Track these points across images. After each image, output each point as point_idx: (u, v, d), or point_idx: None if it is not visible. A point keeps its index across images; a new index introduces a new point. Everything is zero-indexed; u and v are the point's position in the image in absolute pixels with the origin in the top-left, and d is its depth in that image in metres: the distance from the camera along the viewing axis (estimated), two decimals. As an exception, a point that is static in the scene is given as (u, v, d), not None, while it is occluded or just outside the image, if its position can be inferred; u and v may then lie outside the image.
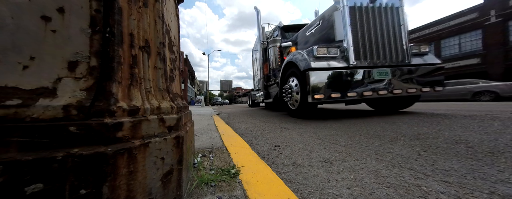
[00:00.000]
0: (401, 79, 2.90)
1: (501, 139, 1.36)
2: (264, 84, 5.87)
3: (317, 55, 2.82)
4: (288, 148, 1.38)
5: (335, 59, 2.88)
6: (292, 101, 3.37)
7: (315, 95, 2.64)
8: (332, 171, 0.93)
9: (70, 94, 0.45)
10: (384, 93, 2.81)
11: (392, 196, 0.69)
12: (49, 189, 0.38)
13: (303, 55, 2.96)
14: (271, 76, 5.39)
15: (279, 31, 5.56)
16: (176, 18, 1.00)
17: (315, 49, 2.83)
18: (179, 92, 0.96)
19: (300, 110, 3.20)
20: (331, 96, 2.67)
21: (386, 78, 2.84)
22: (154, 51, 0.64)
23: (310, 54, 2.90)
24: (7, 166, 0.35)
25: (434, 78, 3.02)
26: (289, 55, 3.47)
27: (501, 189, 0.71)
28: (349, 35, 2.85)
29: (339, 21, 3.03)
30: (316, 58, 2.83)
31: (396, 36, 2.99)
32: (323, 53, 2.84)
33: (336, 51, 2.88)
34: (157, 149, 0.53)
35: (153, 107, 0.57)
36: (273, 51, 4.86)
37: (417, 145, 1.33)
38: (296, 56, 3.16)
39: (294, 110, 3.43)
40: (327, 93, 2.66)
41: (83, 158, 0.40)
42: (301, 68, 2.88)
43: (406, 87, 2.89)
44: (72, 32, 0.46)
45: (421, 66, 3.05)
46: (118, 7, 0.51)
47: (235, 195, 0.69)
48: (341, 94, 2.69)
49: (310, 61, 2.77)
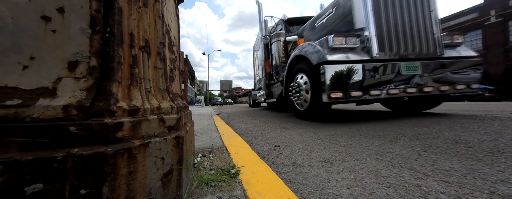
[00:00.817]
0: (433, 75, 2.43)
1: (501, 139, 1.36)
2: (266, 83, 5.53)
3: (333, 46, 2.37)
4: (288, 148, 1.38)
5: (354, 51, 2.43)
6: (300, 101, 2.96)
7: (332, 94, 2.21)
8: (332, 171, 0.93)
9: (70, 94, 0.45)
10: (413, 91, 2.36)
11: (392, 196, 0.69)
12: (49, 189, 0.38)
13: (315, 47, 2.52)
14: (273, 74, 5.05)
15: (283, 25, 4.96)
16: (176, 18, 1.00)
17: (331, 38, 2.38)
18: (179, 92, 0.96)
19: (311, 111, 2.76)
20: (351, 94, 2.23)
21: (416, 73, 2.38)
22: (154, 51, 0.64)
23: (324, 45, 2.45)
24: (7, 166, 0.35)
25: (470, 73, 2.54)
26: (297, 49, 3.06)
27: (501, 189, 0.71)
28: (371, 22, 2.38)
29: (359, 6, 2.55)
30: (331, 49, 2.39)
31: (426, 24, 2.51)
32: (340, 44, 2.38)
33: (355, 41, 2.42)
34: (157, 149, 0.53)
35: (153, 107, 0.57)
36: (276, 46, 4.36)
37: (417, 145, 1.33)
38: (306, 48, 2.73)
39: (302, 111, 3.00)
40: (346, 91, 2.23)
41: (83, 158, 0.40)
42: (313, 61, 2.46)
43: (439, 84, 2.44)
44: (72, 32, 0.46)
45: (456, 59, 2.57)
46: (118, 7, 0.51)
47: (235, 195, 0.69)
48: (363, 93, 2.26)
49: (325, 53, 2.32)
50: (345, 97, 2.24)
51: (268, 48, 5.21)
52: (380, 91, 2.31)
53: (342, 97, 2.24)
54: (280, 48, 4.28)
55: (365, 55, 2.41)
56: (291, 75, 3.25)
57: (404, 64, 2.38)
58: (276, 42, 4.35)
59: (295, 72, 3.14)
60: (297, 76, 3.04)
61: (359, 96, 2.26)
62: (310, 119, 2.93)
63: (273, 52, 4.59)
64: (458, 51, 2.70)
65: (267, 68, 5.42)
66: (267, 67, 5.39)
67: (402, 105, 3.67)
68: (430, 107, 3.31)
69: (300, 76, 2.96)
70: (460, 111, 3.41)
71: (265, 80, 5.53)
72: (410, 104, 3.51)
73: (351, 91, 2.24)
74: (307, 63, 2.71)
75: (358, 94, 2.26)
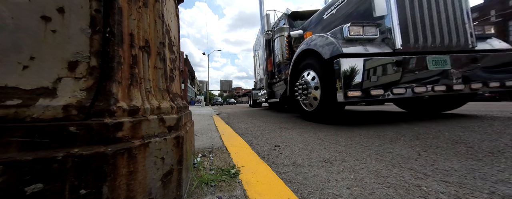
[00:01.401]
0: (464, 70, 2.13)
1: (501, 139, 1.36)
2: (267, 82, 5.25)
3: (349, 37, 2.07)
4: (288, 148, 1.38)
5: (373, 43, 2.13)
6: (308, 100, 2.65)
7: (350, 92, 1.92)
8: (332, 171, 0.93)
9: (70, 94, 0.45)
10: (442, 89, 2.05)
11: (392, 196, 0.69)
12: (49, 189, 0.38)
13: (327, 39, 2.23)
14: (276, 73, 4.76)
15: (287, 19, 4.56)
16: (176, 18, 1.00)
17: (346, 28, 2.09)
18: (179, 92, 0.96)
19: (321, 112, 2.46)
20: (371, 93, 1.93)
21: (444, 68, 2.08)
22: (154, 51, 0.64)
23: (338, 36, 2.17)
24: (7, 166, 0.35)
25: (504, 69, 2.22)
26: (303, 43, 2.76)
27: (501, 189, 0.71)
28: (393, 9, 2.07)
29: None
30: (347, 41, 2.10)
31: (456, 11, 2.21)
32: (357, 34, 2.08)
33: (375, 32, 2.12)
34: (157, 149, 0.53)
35: (153, 107, 0.57)
36: (279, 42, 4.00)
37: (417, 145, 1.33)
38: (315, 41, 2.44)
39: (310, 111, 2.71)
40: (365, 89, 1.94)
41: (83, 158, 0.40)
42: (325, 55, 2.18)
43: (470, 81, 2.14)
44: (72, 32, 0.46)
45: (490, 52, 2.25)
46: (118, 7, 0.51)
47: (235, 195, 0.69)
48: (385, 91, 1.96)
49: (339, 45, 2.04)
50: (365, 95, 1.93)
51: (270, 45, 4.92)
52: (404, 89, 1.99)
53: (361, 96, 1.93)
54: (284, 44, 3.91)
55: (386, 47, 2.10)
56: (297, 72, 2.98)
57: (432, 58, 2.06)
58: (279, 37, 4.00)
59: (301, 69, 2.86)
60: (304, 73, 2.76)
61: (381, 95, 1.95)
62: (320, 121, 2.61)
63: (275, 49, 4.26)
64: (490, 43, 2.35)
65: (268, 66, 5.16)
66: (269, 65, 5.14)
67: (420, 105, 3.25)
68: (453, 108, 2.95)
69: (307, 73, 2.68)
70: (460, 111, 3.41)
71: (267, 78, 5.27)
72: (429, 104, 3.10)
73: (371, 89, 1.93)
74: (316, 58, 2.45)
75: (379, 92, 1.95)
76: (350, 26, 2.10)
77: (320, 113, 2.50)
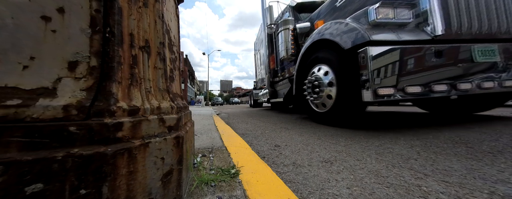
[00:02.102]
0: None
1: (501, 139, 1.36)
2: (270, 81, 4.89)
3: (377, 21, 1.68)
4: (288, 148, 1.38)
5: (405, 29, 1.72)
6: (320, 99, 2.27)
7: (381, 90, 1.56)
8: (332, 171, 0.93)
9: (70, 94, 0.45)
10: (490, 86, 1.70)
11: (392, 196, 0.69)
12: (49, 189, 0.38)
13: (347, 25, 1.86)
14: (278, 71, 4.43)
15: (291, 11, 4.04)
16: (176, 18, 1.00)
17: (373, 10, 1.70)
18: (179, 92, 0.96)
19: (337, 113, 2.08)
20: (407, 91, 1.57)
21: (493, 60, 1.72)
22: (154, 51, 0.64)
23: (362, 21, 1.79)
24: (7, 166, 0.35)
25: None
26: (315, 32, 2.35)
27: (501, 189, 0.71)
28: None
29: None
30: (374, 26, 1.71)
31: None
32: (386, 17, 1.68)
33: (408, 14, 1.72)
34: (157, 149, 0.53)
35: (153, 107, 0.57)
36: (283, 36, 3.53)
37: (417, 145, 1.33)
38: (331, 29, 2.05)
39: (322, 112, 2.32)
40: (400, 86, 1.57)
41: (83, 158, 0.40)
42: (345, 44, 1.81)
43: None
44: (72, 32, 0.46)
45: None
46: (118, 7, 0.51)
47: (235, 195, 0.69)
48: (423, 88, 1.59)
49: (365, 31, 1.66)
50: (399, 94, 1.58)
51: (272, 41, 4.53)
52: (447, 86, 1.62)
53: (395, 94, 1.57)
54: (288, 38, 3.44)
55: (422, 34, 1.69)
56: (305, 68, 2.63)
57: (478, 47, 1.69)
58: (283, 31, 3.51)
59: (310, 64, 2.51)
60: (314, 69, 2.41)
61: (419, 93, 1.59)
62: (335, 124, 2.21)
63: (279, 44, 3.75)
64: None
65: (271, 64, 4.78)
66: (271, 62, 4.76)
67: (446, 105, 2.78)
68: (487, 108, 2.51)
69: (318, 68, 2.33)
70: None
71: (269, 77, 4.90)
72: (458, 104, 2.66)
73: (406, 86, 1.57)
74: (331, 49, 2.11)
75: (416, 90, 1.58)
76: (378, 7, 1.68)
77: (336, 114, 2.11)
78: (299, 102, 2.86)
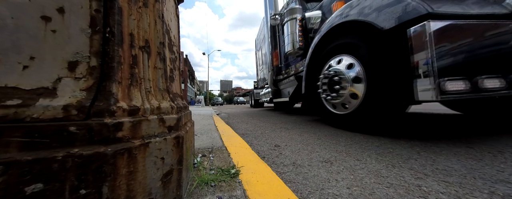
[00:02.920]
0: None
1: (501, 139, 1.36)
2: (273, 79, 4.50)
3: None
4: (288, 148, 1.38)
5: (471, 0, 1.27)
6: (340, 99, 1.85)
7: (449, 84, 1.12)
8: (332, 171, 0.93)
9: (70, 94, 0.45)
10: None
11: (392, 196, 0.69)
12: (49, 189, 0.38)
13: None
14: (283, 68, 3.97)
15: (298, 1, 3.37)
16: (176, 18, 1.00)
17: None
18: (179, 92, 0.96)
19: (365, 116, 1.65)
20: (483, 86, 1.13)
21: None
22: (154, 51, 0.64)
23: None
24: (7, 166, 0.35)
25: None
26: (335, 15, 1.89)
27: (501, 189, 0.71)
28: None
29: None
30: None
31: None
32: None
33: None
34: (157, 149, 0.53)
35: (153, 107, 0.57)
36: (290, 27, 2.97)
37: (417, 145, 1.33)
38: (361, 5, 1.57)
39: (342, 115, 1.91)
40: (473, 79, 1.14)
41: (83, 158, 0.41)
42: (386, 23, 1.33)
43: None
44: (72, 32, 0.46)
45: None
46: (118, 7, 0.51)
47: (235, 195, 0.69)
48: (503, 82, 1.15)
49: (418, 1, 1.20)
50: (472, 89, 1.14)
51: (275, 35, 4.08)
52: None
53: (467, 89, 1.13)
54: (296, 29, 2.89)
55: (495, 6, 1.24)
56: (318, 61, 2.22)
57: None
58: (290, 21, 2.96)
59: (326, 56, 2.08)
60: (330, 61, 1.99)
61: (498, 88, 1.15)
62: (361, 130, 1.75)
63: (285, 36, 3.14)
64: None
65: (274, 61, 4.33)
66: (274, 59, 4.32)
67: (486, 105, 2.30)
68: None
69: (338, 59, 1.89)
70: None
71: (272, 75, 4.47)
72: (500, 104, 2.15)
73: (482, 80, 1.13)
74: (357, 35, 1.68)
75: (494, 84, 1.14)
76: None
77: (363, 118, 1.67)
78: (310, 101, 2.48)
